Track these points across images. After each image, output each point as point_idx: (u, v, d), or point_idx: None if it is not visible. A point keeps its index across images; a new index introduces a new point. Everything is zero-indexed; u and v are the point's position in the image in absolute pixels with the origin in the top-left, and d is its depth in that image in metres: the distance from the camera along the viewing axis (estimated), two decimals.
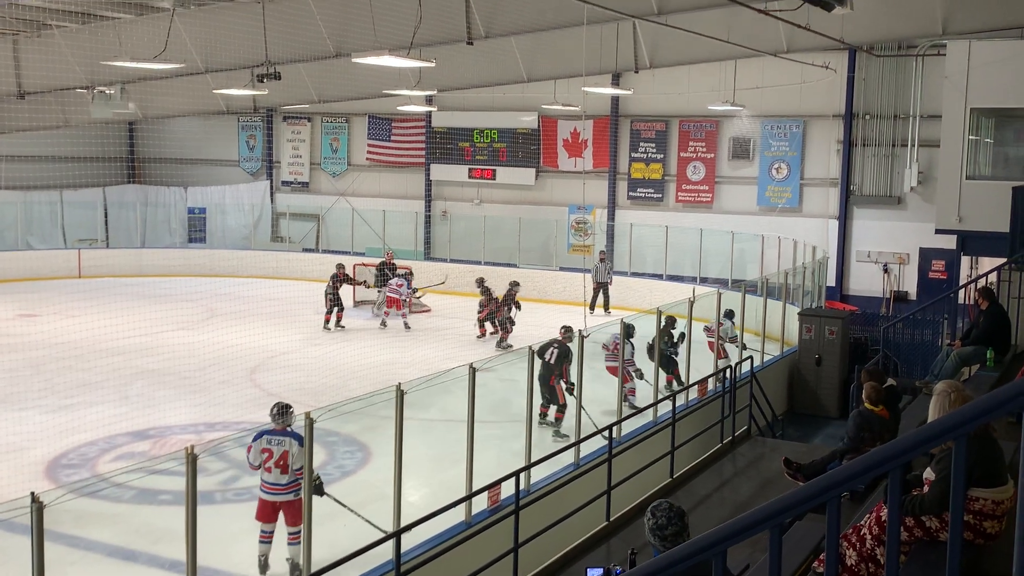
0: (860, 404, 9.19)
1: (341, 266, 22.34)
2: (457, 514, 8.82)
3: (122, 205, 31.76)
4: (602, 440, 10.68)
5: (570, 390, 12.79)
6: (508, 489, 9.07)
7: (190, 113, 25.74)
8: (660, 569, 3.19)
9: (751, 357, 14.89)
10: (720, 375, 13.90)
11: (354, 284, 22.86)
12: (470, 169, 29.92)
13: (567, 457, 10.61)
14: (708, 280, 24.17)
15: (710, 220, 26.15)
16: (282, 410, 9.23)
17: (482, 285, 21.08)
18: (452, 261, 27.69)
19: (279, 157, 33.33)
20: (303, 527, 8.19)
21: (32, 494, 5.91)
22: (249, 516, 9.42)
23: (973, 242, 17.39)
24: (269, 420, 9.24)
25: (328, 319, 21.35)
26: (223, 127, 33.45)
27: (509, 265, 26.68)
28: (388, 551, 7.82)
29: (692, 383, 13.50)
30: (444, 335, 20.99)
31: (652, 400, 12.82)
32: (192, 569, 6.90)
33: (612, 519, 10.36)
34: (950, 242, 19.19)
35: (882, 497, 5.41)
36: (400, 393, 8.25)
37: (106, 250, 29.81)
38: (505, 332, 19.89)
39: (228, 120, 32.84)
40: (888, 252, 24.47)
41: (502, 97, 27.58)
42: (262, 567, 9.23)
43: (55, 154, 28.26)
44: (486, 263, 26.55)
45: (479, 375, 9.23)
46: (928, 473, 5.08)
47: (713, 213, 26.58)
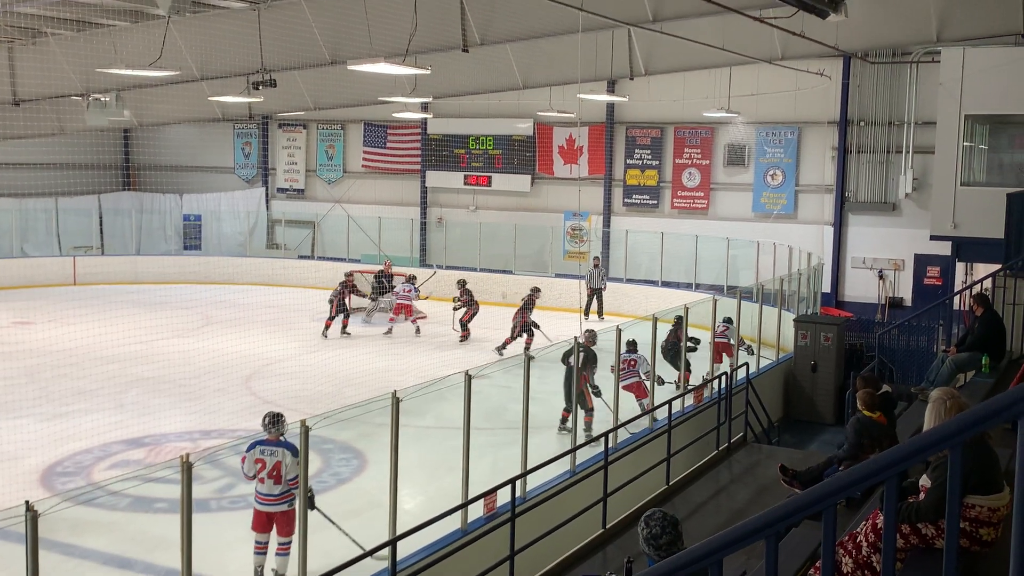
0: (856, 411, 9.17)
1: (351, 274, 22.21)
2: (453, 522, 8.81)
3: (117, 212, 31.74)
4: (598, 447, 10.69)
5: (597, 393, 13.34)
6: (504, 497, 9.06)
7: (185, 120, 25.68)
8: None
9: (747, 364, 14.92)
10: (715, 382, 13.95)
11: (360, 295, 22.62)
12: (466, 176, 29.92)
13: (563, 464, 10.60)
14: (703, 287, 24.16)
15: (705, 226, 26.18)
16: (274, 419, 9.10)
17: (463, 287, 21.08)
18: (448, 268, 27.67)
19: (275, 164, 33.31)
20: (298, 538, 8.13)
21: (27, 503, 5.89)
22: (244, 524, 9.38)
23: (968, 248, 17.43)
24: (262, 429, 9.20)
25: (329, 325, 21.13)
26: (219, 134, 33.43)
27: (505, 272, 26.68)
28: (384, 560, 7.80)
29: (688, 389, 13.54)
30: (440, 342, 20.98)
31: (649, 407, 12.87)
32: None
33: (608, 526, 10.34)
34: (945, 248, 19.25)
35: (878, 504, 5.41)
36: (396, 400, 8.25)
37: (101, 257, 29.77)
38: (530, 337, 19.78)
39: (224, 127, 32.81)
40: (883, 258, 24.51)
41: (498, 104, 27.57)
42: None
43: (50, 161, 28.21)
44: (482, 270, 26.55)
45: (474, 382, 9.23)
46: (924, 480, 5.08)
47: (708, 219, 26.62)
